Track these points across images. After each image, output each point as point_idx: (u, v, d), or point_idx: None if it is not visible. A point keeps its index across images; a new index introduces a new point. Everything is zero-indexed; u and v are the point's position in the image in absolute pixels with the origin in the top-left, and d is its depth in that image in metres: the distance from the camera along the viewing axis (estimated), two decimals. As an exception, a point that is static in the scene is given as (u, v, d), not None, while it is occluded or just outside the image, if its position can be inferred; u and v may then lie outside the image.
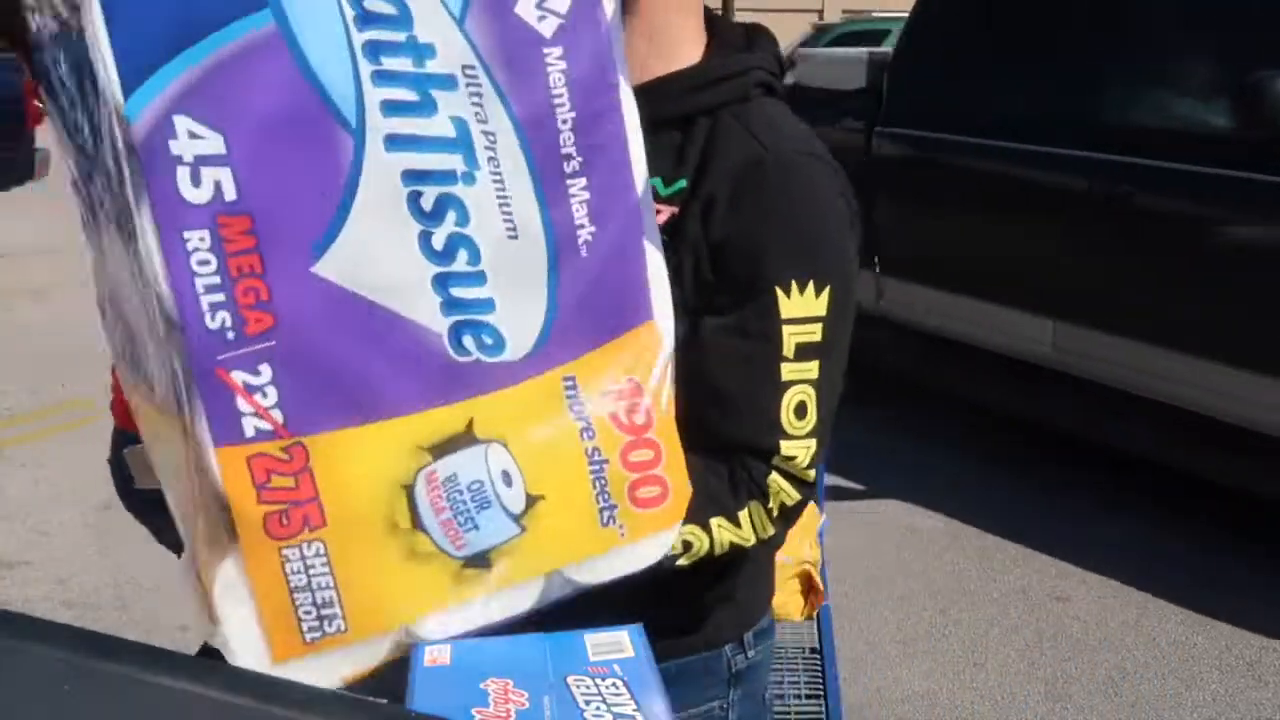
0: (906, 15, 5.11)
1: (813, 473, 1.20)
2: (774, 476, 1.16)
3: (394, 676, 0.87)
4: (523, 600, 0.95)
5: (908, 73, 4.88)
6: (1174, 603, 3.54)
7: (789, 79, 4.70)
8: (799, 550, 2.27)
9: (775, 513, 1.18)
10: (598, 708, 0.75)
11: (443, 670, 0.80)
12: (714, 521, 1.14)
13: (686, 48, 1.24)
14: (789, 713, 2.08)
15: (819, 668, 2.14)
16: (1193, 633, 3.37)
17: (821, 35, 12.73)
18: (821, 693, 2.09)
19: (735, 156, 1.17)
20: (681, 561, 1.12)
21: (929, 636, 3.38)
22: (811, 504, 2.50)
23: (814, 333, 1.14)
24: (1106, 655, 3.26)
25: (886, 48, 5.60)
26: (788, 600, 2.24)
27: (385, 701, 0.90)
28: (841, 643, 3.22)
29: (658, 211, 1.12)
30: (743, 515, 1.16)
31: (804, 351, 1.14)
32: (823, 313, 1.14)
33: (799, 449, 1.17)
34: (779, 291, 1.13)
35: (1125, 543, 3.96)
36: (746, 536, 1.16)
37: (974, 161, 4.58)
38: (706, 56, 1.25)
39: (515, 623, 0.95)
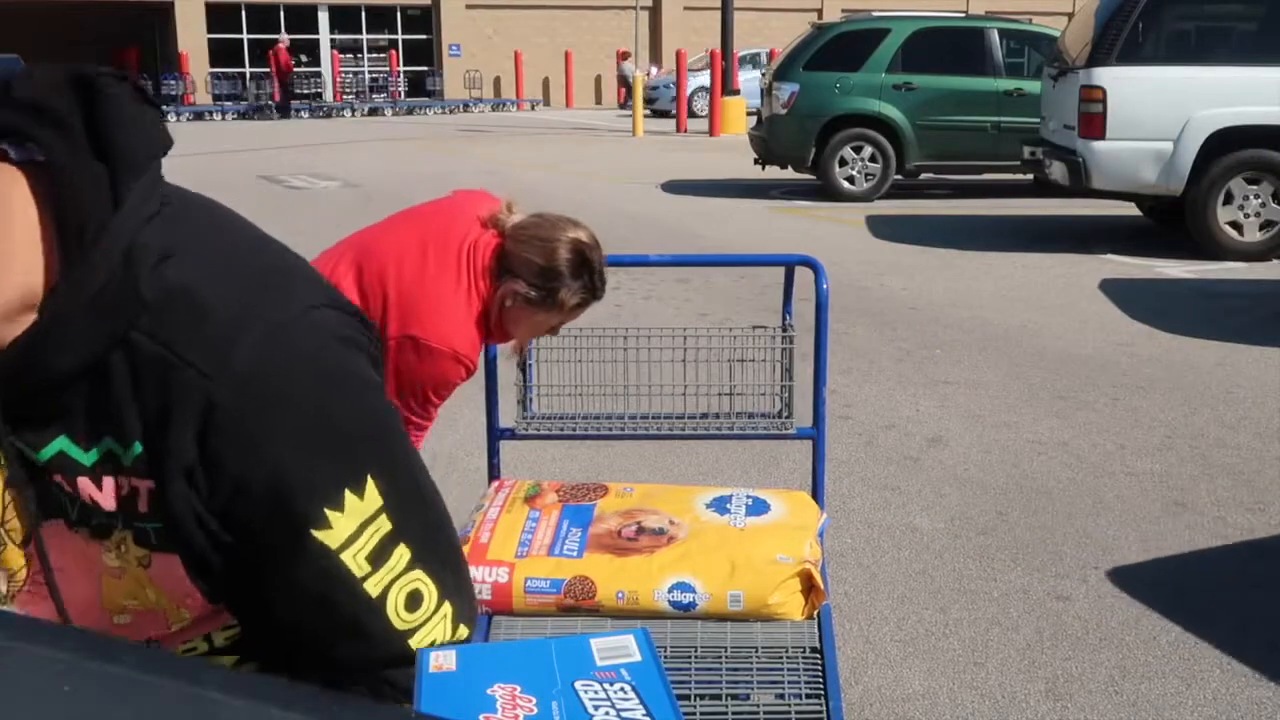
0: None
1: (466, 630, 1.02)
2: None
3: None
4: None
5: None
6: (1174, 602, 3.54)
7: None
8: (799, 550, 2.27)
9: None
10: (606, 712, 0.74)
11: (449, 676, 0.79)
12: None
13: (19, 260, 0.84)
14: (789, 712, 2.07)
15: (819, 667, 2.14)
16: (1193, 632, 3.36)
17: (821, 34, 12.71)
18: (822, 692, 2.08)
19: (182, 403, 0.87)
20: None
21: (929, 636, 3.37)
22: (812, 503, 2.51)
23: (380, 527, 0.95)
24: (1107, 655, 3.26)
25: None
26: (788, 600, 2.24)
27: (391, 706, 0.90)
28: (842, 642, 3.22)
29: (133, 489, 0.91)
30: None
31: (380, 554, 0.95)
32: (379, 503, 0.94)
33: (432, 631, 0.99)
34: (315, 534, 0.92)
35: (1125, 542, 3.96)
36: None
37: None
38: (52, 262, 0.85)
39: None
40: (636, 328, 2.77)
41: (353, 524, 0.93)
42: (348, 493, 0.92)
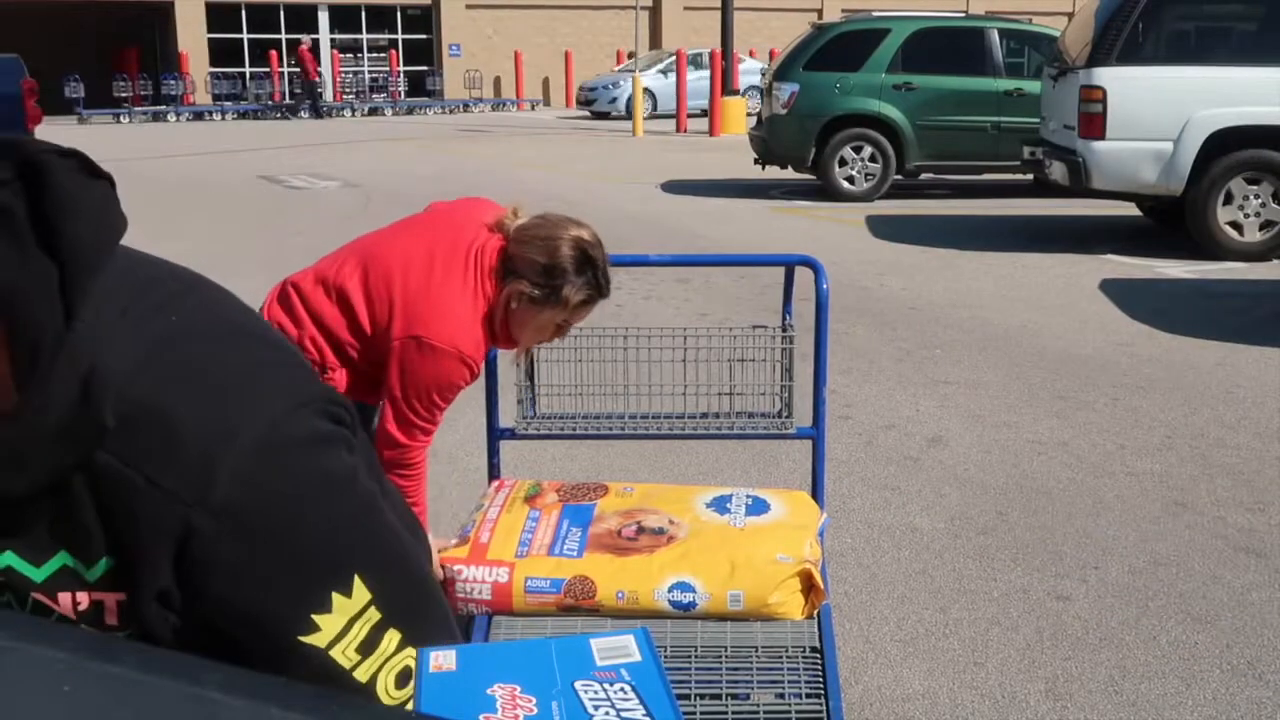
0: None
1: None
2: None
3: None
4: None
5: None
6: (1174, 602, 3.54)
7: None
8: (800, 549, 2.27)
9: None
10: (606, 712, 0.74)
11: (449, 676, 0.79)
12: None
13: None
14: (789, 712, 2.08)
15: (819, 667, 2.14)
16: (1193, 632, 3.36)
17: (821, 34, 12.71)
18: (822, 692, 2.08)
19: (157, 527, 0.83)
20: None
21: (929, 636, 3.37)
22: (812, 503, 2.51)
23: (369, 619, 0.92)
24: (1107, 655, 3.26)
25: None
26: (788, 599, 2.24)
27: (391, 706, 0.90)
28: (842, 642, 3.22)
29: (97, 603, 0.87)
30: None
31: (370, 643, 0.92)
32: (368, 597, 0.92)
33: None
34: (302, 639, 0.89)
35: (1125, 542, 3.96)
36: None
37: None
38: (2, 369, 0.78)
39: None
40: (636, 328, 2.77)
41: (341, 621, 0.90)
42: (335, 595, 0.90)
